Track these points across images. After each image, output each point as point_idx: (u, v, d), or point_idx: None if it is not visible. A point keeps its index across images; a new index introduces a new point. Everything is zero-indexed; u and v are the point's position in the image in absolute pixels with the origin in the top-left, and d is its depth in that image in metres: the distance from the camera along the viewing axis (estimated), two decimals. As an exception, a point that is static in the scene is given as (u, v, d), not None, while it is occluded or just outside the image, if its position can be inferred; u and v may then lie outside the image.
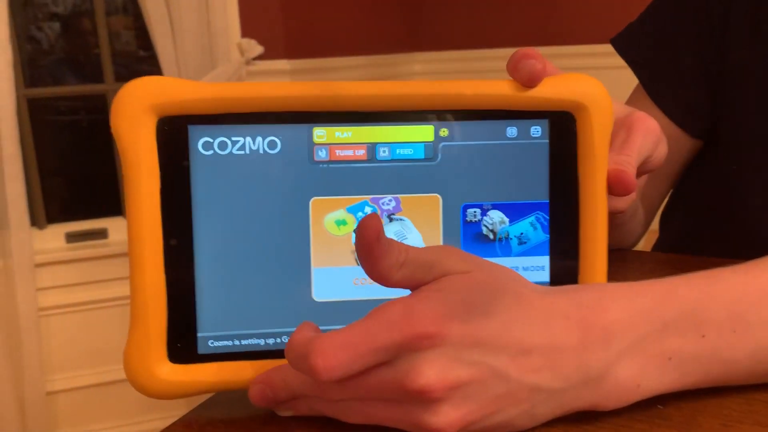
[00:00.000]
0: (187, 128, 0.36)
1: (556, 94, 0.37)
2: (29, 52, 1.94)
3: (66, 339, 1.85)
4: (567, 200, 0.38)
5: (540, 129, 0.38)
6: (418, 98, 0.37)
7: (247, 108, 0.36)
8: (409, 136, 0.37)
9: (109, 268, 1.86)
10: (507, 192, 0.38)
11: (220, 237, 0.37)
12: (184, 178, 0.36)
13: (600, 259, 0.38)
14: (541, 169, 0.38)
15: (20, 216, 1.70)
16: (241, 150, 0.37)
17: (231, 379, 0.37)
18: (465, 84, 0.37)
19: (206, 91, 0.35)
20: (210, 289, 0.37)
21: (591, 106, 0.37)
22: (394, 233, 0.38)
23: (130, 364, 0.36)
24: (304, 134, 0.37)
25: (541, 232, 0.39)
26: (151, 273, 0.36)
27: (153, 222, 0.35)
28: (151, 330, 0.36)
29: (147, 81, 0.35)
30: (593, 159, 0.38)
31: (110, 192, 1.99)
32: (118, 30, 2.00)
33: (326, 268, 0.38)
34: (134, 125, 0.35)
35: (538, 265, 0.39)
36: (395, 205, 0.38)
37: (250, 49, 1.87)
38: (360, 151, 0.37)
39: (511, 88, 0.37)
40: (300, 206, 0.37)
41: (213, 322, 0.37)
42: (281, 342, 0.38)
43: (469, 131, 0.38)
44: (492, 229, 0.39)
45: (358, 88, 0.36)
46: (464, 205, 0.38)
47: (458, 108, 0.37)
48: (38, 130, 1.88)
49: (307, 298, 0.38)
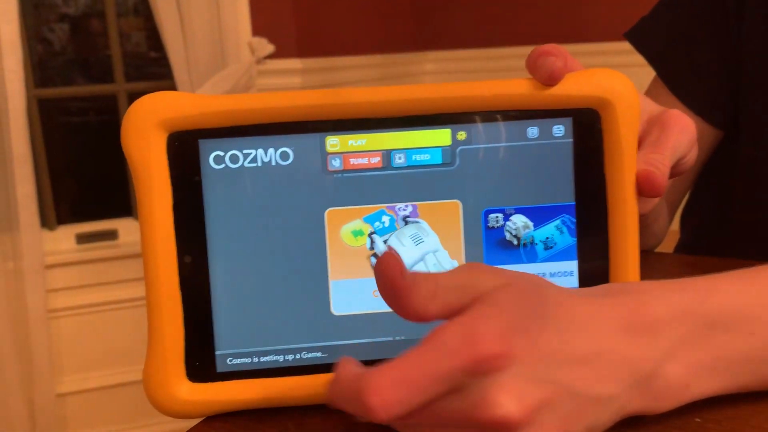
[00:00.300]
0: (198, 143, 0.35)
1: (578, 91, 0.36)
2: (40, 53, 1.94)
3: (76, 340, 1.85)
4: (594, 201, 0.37)
5: (563, 128, 0.36)
6: (433, 102, 0.36)
7: (257, 119, 0.35)
8: (426, 141, 0.36)
9: (119, 269, 1.86)
10: (530, 195, 0.37)
11: (234, 252, 0.36)
12: (197, 194, 0.36)
13: (632, 263, 0.36)
14: (566, 170, 0.37)
15: (30, 217, 1.70)
16: (253, 162, 0.36)
17: (251, 398, 0.36)
18: (482, 85, 0.36)
19: (215, 105, 0.35)
20: (227, 306, 0.36)
21: (617, 102, 0.36)
22: (409, 236, 0.36)
23: (149, 383, 0.36)
24: (316, 144, 0.36)
25: (568, 235, 0.37)
26: (166, 291, 0.35)
27: (166, 239, 0.35)
28: (169, 349, 0.35)
29: (156, 97, 0.35)
30: (621, 157, 0.36)
31: (120, 193, 1.99)
32: (128, 31, 2.00)
33: (344, 280, 0.37)
34: (144, 142, 0.35)
35: (566, 271, 0.37)
36: (412, 212, 0.36)
37: (260, 48, 1.86)
38: (375, 158, 0.36)
39: (531, 86, 0.36)
40: (315, 218, 0.36)
41: (231, 340, 0.37)
42: (301, 358, 0.37)
43: (488, 133, 0.36)
44: (516, 234, 0.37)
45: (371, 94, 0.35)
46: (486, 210, 0.37)
47: (476, 110, 0.36)
48: (49, 131, 1.88)
49: (325, 312, 0.37)
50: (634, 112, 0.36)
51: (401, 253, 0.37)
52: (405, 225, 0.37)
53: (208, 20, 1.81)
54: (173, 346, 0.35)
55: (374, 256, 0.37)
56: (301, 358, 0.37)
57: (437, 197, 0.36)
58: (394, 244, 0.37)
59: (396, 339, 0.37)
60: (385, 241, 0.36)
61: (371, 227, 0.36)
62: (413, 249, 0.37)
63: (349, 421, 0.35)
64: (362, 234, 0.36)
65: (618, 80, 0.36)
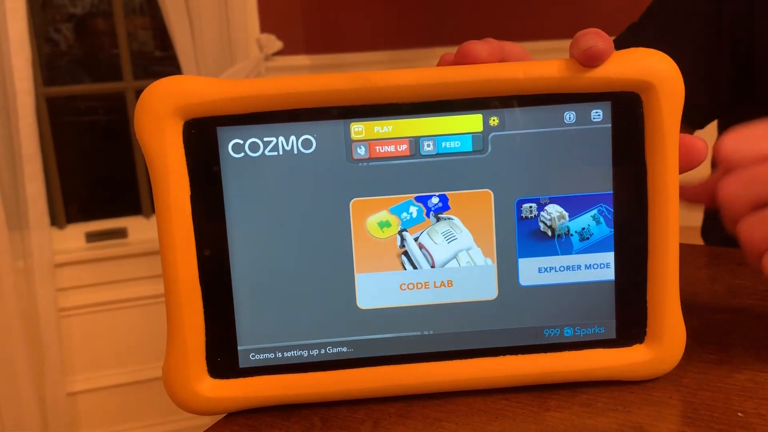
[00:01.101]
0: (216, 130, 0.34)
1: (618, 73, 0.34)
2: (47, 53, 1.94)
3: (87, 339, 1.85)
4: (633, 190, 0.35)
5: (601, 112, 0.35)
6: (464, 85, 0.34)
7: (278, 105, 0.34)
8: (456, 128, 0.34)
9: (129, 267, 1.86)
10: (566, 184, 0.35)
11: (256, 245, 0.35)
12: (215, 184, 0.34)
13: (672, 255, 0.35)
14: (604, 157, 0.35)
15: (40, 216, 1.70)
16: (273, 151, 0.34)
17: (274, 394, 0.35)
18: (516, 67, 0.34)
19: (234, 90, 0.33)
20: (248, 300, 0.35)
21: (659, 85, 0.34)
22: (442, 233, 0.35)
23: (169, 380, 0.35)
24: (340, 131, 0.34)
25: (605, 226, 0.36)
26: (185, 285, 0.34)
27: (185, 232, 0.34)
28: (190, 345, 0.34)
29: (170, 81, 0.33)
30: (662, 143, 0.34)
31: (130, 191, 1.99)
32: (134, 30, 1.99)
33: (370, 273, 0.35)
34: (159, 130, 0.33)
35: (603, 262, 0.36)
36: (442, 203, 0.35)
37: (269, 44, 1.85)
38: (402, 146, 0.35)
39: (568, 68, 0.34)
40: (340, 208, 0.35)
41: (253, 335, 0.36)
42: (325, 353, 0.36)
43: (522, 119, 0.35)
44: (550, 225, 0.36)
45: (398, 77, 0.34)
46: (519, 200, 0.35)
47: (509, 94, 0.34)
48: (58, 130, 1.88)
49: (351, 306, 0.36)
50: (677, 96, 0.34)
51: (433, 251, 0.35)
52: (437, 221, 0.35)
53: (217, 16, 1.80)
54: (194, 342, 0.34)
55: (405, 255, 0.35)
56: (325, 353, 0.36)
57: (468, 186, 0.35)
58: (426, 242, 0.35)
59: (424, 333, 0.36)
60: (416, 239, 0.35)
61: (399, 220, 0.35)
62: (445, 246, 0.35)
63: (376, 415, 0.34)
64: (389, 225, 0.35)
65: (662, 61, 0.34)
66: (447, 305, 0.36)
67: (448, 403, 0.35)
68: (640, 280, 0.36)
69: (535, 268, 0.36)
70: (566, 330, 0.36)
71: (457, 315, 0.36)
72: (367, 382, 0.35)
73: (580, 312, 0.36)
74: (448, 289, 0.36)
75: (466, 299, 0.36)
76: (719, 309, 0.45)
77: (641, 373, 0.36)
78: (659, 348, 0.35)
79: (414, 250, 0.35)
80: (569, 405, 0.34)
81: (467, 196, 0.35)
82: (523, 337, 0.36)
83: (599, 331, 0.36)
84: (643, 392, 0.35)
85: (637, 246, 0.35)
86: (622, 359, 0.36)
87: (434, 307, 0.36)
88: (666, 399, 0.34)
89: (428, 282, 0.36)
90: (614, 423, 0.33)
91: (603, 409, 0.34)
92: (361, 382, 0.35)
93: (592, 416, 0.33)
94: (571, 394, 0.35)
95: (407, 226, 0.35)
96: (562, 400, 0.35)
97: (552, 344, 0.36)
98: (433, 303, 0.36)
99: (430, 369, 0.36)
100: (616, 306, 0.36)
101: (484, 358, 0.36)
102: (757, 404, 0.33)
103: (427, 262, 0.36)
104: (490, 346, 0.36)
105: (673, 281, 0.35)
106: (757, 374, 0.36)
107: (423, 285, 0.36)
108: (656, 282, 0.35)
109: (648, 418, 0.33)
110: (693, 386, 0.35)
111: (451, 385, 0.36)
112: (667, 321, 0.35)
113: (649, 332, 0.36)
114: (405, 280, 0.35)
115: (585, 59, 0.33)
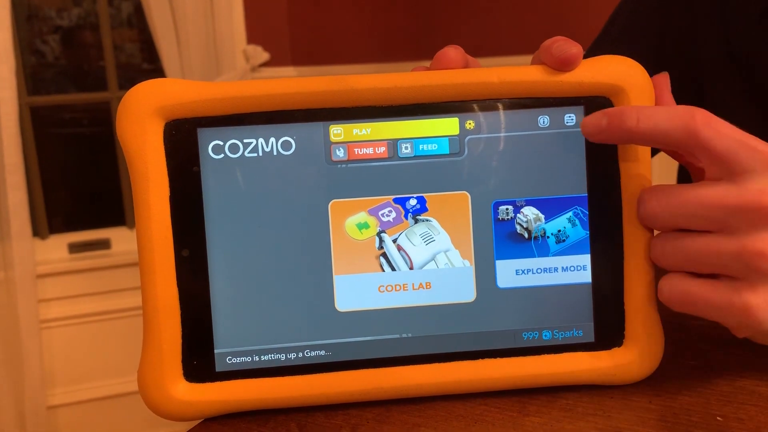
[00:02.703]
0: (196, 131, 0.34)
1: (590, 78, 0.35)
2: (33, 64, 1.93)
3: (68, 352, 1.83)
4: (608, 192, 0.35)
5: (574, 116, 0.35)
6: (440, 89, 0.34)
7: (258, 107, 0.34)
8: (433, 131, 0.35)
9: (112, 279, 1.84)
10: (541, 186, 0.35)
11: (234, 246, 0.35)
12: (195, 185, 0.34)
13: (648, 257, 0.35)
14: (578, 160, 0.35)
15: (22, 226, 1.69)
16: (253, 152, 0.35)
17: (251, 398, 0.35)
18: (491, 71, 0.35)
19: (214, 92, 0.34)
20: (226, 302, 0.35)
21: (629, 89, 0.35)
22: (420, 235, 0.35)
23: (144, 383, 0.34)
24: (320, 132, 0.35)
25: (581, 228, 0.36)
26: (162, 286, 0.34)
27: (163, 232, 0.34)
28: (165, 347, 0.34)
29: (152, 84, 0.34)
30: (634, 146, 0.35)
31: (113, 203, 1.97)
32: (121, 43, 1.99)
33: (349, 275, 0.35)
34: (141, 130, 0.33)
35: (579, 265, 0.36)
36: (420, 205, 0.35)
37: (255, 55, 1.86)
38: (380, 148, 0.35)
39: (541, 73, 0.35)
40: (318, 210, 0.35)
41: (230, 338, 0.35)
42: (304, 356, 0.36)
43: (498, 122, 0.35)
44: (526, 227, 0.35)
45: (376, 81, 0.34)
46: (495, 202, 0.35)
47: (485, 97, 0.35)
48: (42, 142, 1.87)
49: (329, 309, 0.35)
50: (647, 99, 0.35)
51: (411, 252, 0.35)
52: (415, 223, 0.35)
53: (204, 27, 1.81)
54: (170, 344, 0.34)
55: (383, 257, 0.35)
56: (303, 357, 0.35)
57: (445, 188, 0.35)
58: (404, 243, 0.35)
59: (402, 336, 0.35)
60: (394, 241, 0.35)
61: (378, 220, 0.35)
62: (423, 248, 0.35)
63: (354, 420, 0.34)
64: (367, 227, 0.35)
65: (631, 67, 0.35)
66: (425, 308, 0.36)
67: (427, 408, 0.35)
68: (616, 283, 0.36)
69: (512, 270, 0.36)
70: (545, 333, 0.36)
71: (435, 317, 0.36)
72: (345, 386, 0.35)
73: (559, 314, 0.36)
74: (427, 291, 0.35)
75: (444, 301, 0.36)
76: (699, 315, 0.45)
77: (621, 376, 0.35)
78: (638, 351, 0.35)
79: (392, 251, 0.35)
80: (549, 410, 0.34)
81: (445, 197, 0.35)
82: (501, 340, 0.36)
83: (578, 334, 0.36)
84: (623, 397, 0.35)
85: (612, 248, 0.35)
86: (601, 362, 0.36)
87: (413, 310, 0.35)
88: (645, 404, 0.34)
89: (407, 284, 0.35)
90: (594, 428, 0.32)
91: (583, 413, 0.34)
92: (339, 386, 0.35)
93: (572, 421, 0.33)
94: (551, 399, 0.35)
95: (386, 227, 0.35)
96: (542, 405, 0.35)
97: (530, 347, 0.36)
98: (411, 305, 0.35)
99: (408, 372, 0.35)
100: (594, 308, 0.36)
101: (464, 361, 0.36)
102: (735, 408, 0.33)
103: (405, 264, 0.35)
104: (469, 349, 0.36)
105: (650, 284, 0.35)
106: (736, 379, 0.36)
107: (401, 287, 0.35)
108: (633, 284, 0.35)
109: (628, 423, 0.32)
110: (672, 391, 0.35)
111: (430, 389, 0.35)
112: (645, 324, 0.35)
113: (627, 335, 0.36)
114: (383, 282, 0.35)
115: (558, 64, 0.34)
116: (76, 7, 1.95)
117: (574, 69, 0.35)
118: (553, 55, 0.34)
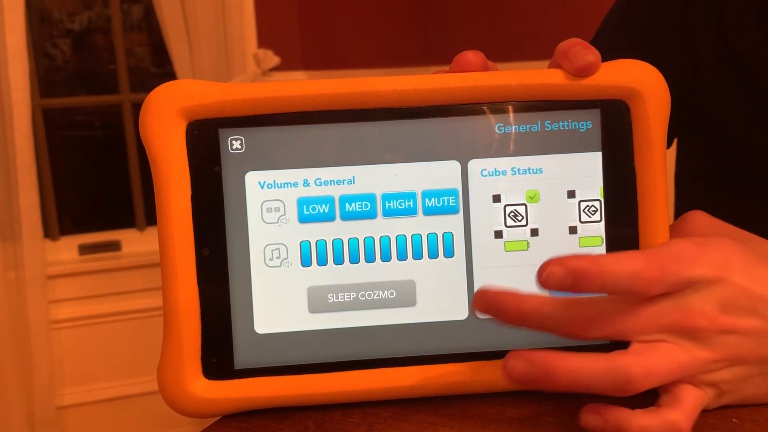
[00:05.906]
0: (218, 132, 0.35)
1: (607, 81, 0.35)
2: (45, 67, 1.94)
3: (77, 352, 1.84)
4: (623, 196, 0.35)
5: (591, 120, 0.35)
6: (459, 91, 0.35)
7: (279, 108, 0.34)
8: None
9: (122, 280, 1.85)
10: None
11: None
12: (216, 184, 0.35)
13: None
14: (593, 164, 0.36)
15: (33, 226, 1.70)
16: None
17: (269, 396, 0.35)
18: (509, 74, 0.35)
19: (236, 93, 0.34)
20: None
21: (646, 93, 0.35)
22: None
23: (163, 381, 0.35)
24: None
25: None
26: (183, 284, 0.34)
27: (184, 231, 0.34)
28: (185, 345, 0.34)
29: (175, 85, 0.34)
30: (650, 150, 0.35)
31: (124, 204, 1.98)
32: (132, 47, 2.00)
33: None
34: (164, 131, 0.34)
35: None
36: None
37: (266, 59, 1.86)
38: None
39: (558, 76, 0.35)
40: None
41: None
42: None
43: (514, 124, 0.35)
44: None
45: (396, 83, 0.35)
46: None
47: (502, 100, 0.35)
48: (54, 143, 1.88)
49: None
50: (664, 104, 0.35)
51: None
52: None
53: (215, 31, 1.82)
54: (189, 342, 0.34)
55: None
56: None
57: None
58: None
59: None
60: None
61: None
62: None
63: (370, 419, 0.34)
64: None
65: (647, 71, 0.35)
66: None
67: (444, 408, 0.35)
68: None
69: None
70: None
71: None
72: (363, 385, 0.35)
73: None
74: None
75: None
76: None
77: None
78: None
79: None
80: (565, 409, 0.34)
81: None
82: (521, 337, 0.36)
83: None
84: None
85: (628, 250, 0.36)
86: None
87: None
88: (661, 405, 0.34)
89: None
90: (609, 427, 0.32)
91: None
92: (356, 384, 0.35)
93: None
94: (567, 399, 0.35)
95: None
96: (558, 404, 0.35)
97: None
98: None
99: (426, 372, 0.35)
100: None
101: (481, 362, 0.36)
102: (751, 410, 0.33)
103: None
104: (491, 349, 0.36)
105: None
106: (751, 381, 0.36)
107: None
108: None
109: (643, 424, 0.32)
110: (688, 393, 0.35)
111: (449, 388, 0.36)
112: None
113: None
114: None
115: (577, 71, 0.35)
116: (86, 11, 1.97)
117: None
118: (571, 62, 0.35)
